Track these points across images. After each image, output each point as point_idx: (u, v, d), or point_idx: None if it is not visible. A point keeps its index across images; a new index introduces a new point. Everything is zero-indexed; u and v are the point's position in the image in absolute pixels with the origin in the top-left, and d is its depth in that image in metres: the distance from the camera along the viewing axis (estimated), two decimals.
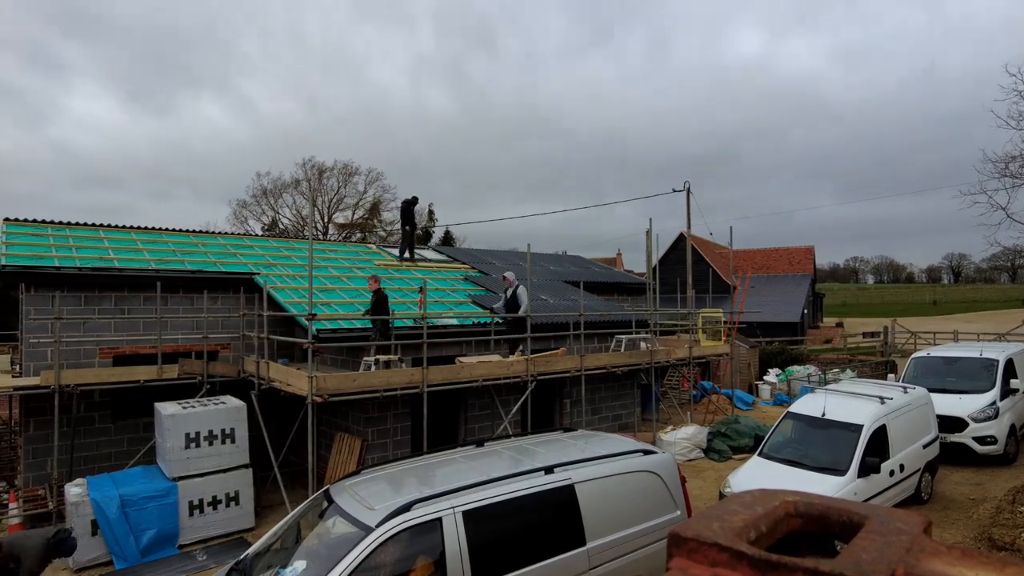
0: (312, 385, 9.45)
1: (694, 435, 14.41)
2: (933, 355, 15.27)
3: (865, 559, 0.86)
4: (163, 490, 9.75)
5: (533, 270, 16.23)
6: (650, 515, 6.79)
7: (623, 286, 22.27)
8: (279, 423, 12.44)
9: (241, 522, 10.38)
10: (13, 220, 14.07)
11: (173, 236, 15.93)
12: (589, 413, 15.14)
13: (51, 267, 11.79)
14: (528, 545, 5.93)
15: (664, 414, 18.28)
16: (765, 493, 1.11)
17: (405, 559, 5.36)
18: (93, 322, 12.18)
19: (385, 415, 11.90)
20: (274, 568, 5.64)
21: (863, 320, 55.91)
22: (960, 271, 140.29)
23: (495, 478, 6.07)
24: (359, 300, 13.68)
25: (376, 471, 6.80)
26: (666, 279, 21.85)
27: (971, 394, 13.33)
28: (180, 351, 12.42)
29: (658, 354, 15.47)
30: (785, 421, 10.78)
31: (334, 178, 49.34)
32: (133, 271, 12.62)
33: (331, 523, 5.82)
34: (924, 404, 11.33)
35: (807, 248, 45.77)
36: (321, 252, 17.53)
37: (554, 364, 13.11)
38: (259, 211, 49.10)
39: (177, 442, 9.93)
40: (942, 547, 0.90)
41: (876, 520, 0.99)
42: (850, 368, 23.61)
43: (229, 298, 13.50)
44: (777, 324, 34.60)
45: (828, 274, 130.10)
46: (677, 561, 0.95)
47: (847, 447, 9.47)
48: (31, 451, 11.54)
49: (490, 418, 13.30)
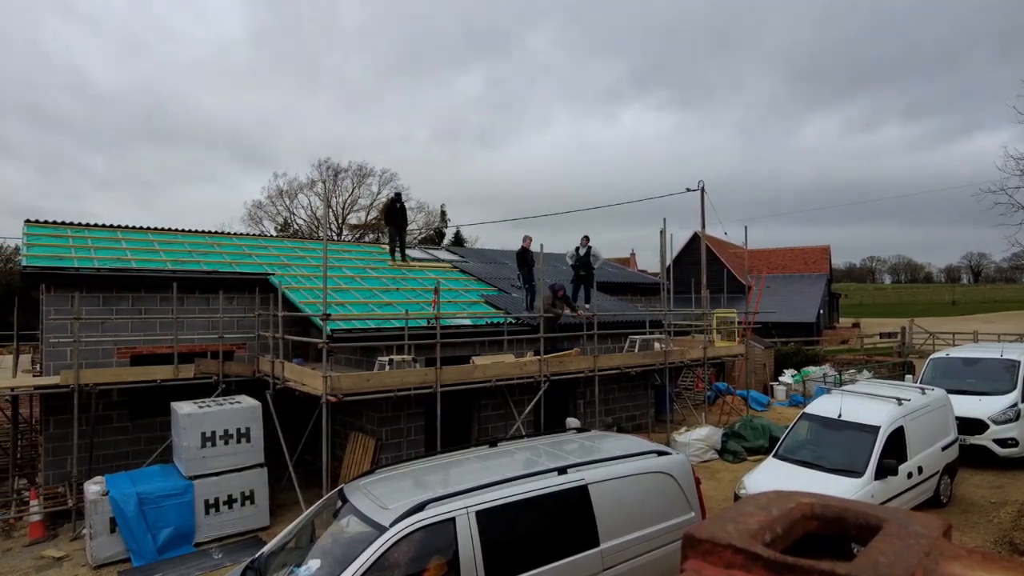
0: (326, 385, 9.50)
1: (708, 436, 14.32)
2: (952, 356, 15.05)
3: (883, 562, 0.85)
4: (180, 488, 9.85)
5: (545, 269, 16.20)
6: (664, 516, 6.76)
7: (637, 286, 22.19)
8: (294, 423, 12.52)
9: (256, 521, 10.46)
10: (34, 222, 14.31)
11: (189, 237, 16.11)
12: (603, 414, 15.10)
13: (71, 268, 11.96)
14: (541, 545, 5.92)
15: (678, 415, 18.18)
16: (780, 495, 1.10)
17: (419, 558, 5.37)
18: (111, 322, 12.34)
19: (399, 415, 11.94)
20: (289, 567, 5.68)
21: (880, 320, 55.29)
22: (980, 271, 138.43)
23: (508, 478, 6.07)
24: (373, 300, 13.75)
25: (390, 471, 6.83)
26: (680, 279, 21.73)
27: (991, 396, 13.13)
28: (196, 351, 12.55)
29: (672, 354, 15.39)
30: (801, 422, 10.68)
31: (348, 179, 49.63)
32: (150, 271, 12.78)
33: (345, 522, 5.85)
34: (943, 406, 11.18)
35: (823, 248, 45.32)
36: (335, 253, 17.62)
37: (567, 364, 13.09)
38: (274, 212, 49.49)
39: (193, 441, 10.03)
40: (962, 551, 0.89)
41: (894, 523, 0.97)
42: (867, 369, 23.35)
43: (244, 298, 13.61)
44: (792, 324, 34.30)
45: (844, 274, 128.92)
46: (692, 563, 0.94)
47: (864, 449, 9.36)
48: (51, 449, 11.72)
49: (503, 418, 13.30)
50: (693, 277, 22.49)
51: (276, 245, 17.89)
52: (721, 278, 26.10)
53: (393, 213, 17.32)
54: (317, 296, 12.47)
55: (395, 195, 17.64)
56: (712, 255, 35.15)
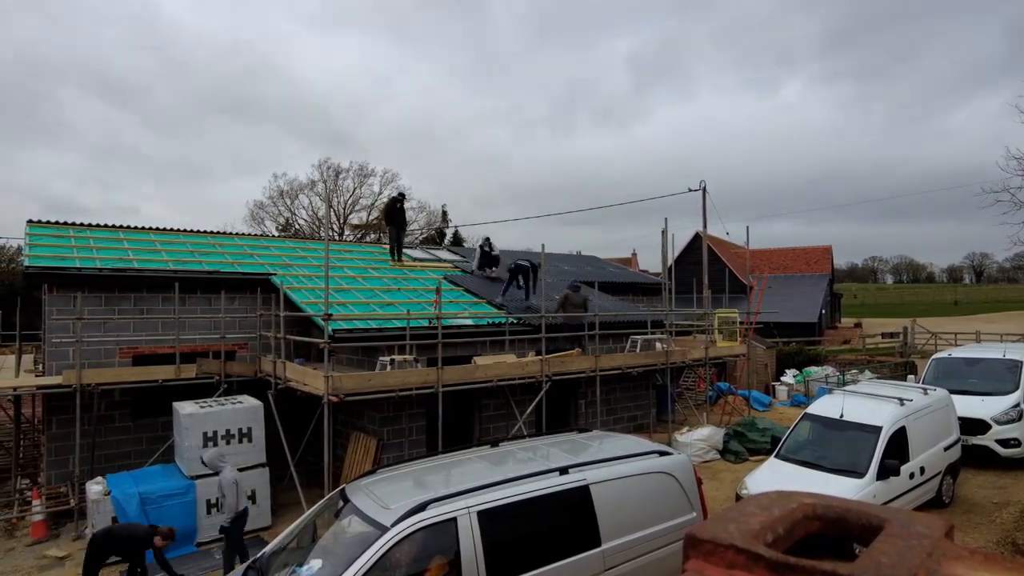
0: (328, 385, 9.51)
1: (710, 436, 14.30)
2: (954, 356, 15.03)
3: (885, 563, 0.85)
4: (181, 488, 9.86)
5: (547, 270, 16.21)
6: (666, 516, 6.75)
7: (638, 286, 22.19)
8: (295, 422, 12.53)
9: (258, 521, 10.46)
10: (36, 222, 14.33)
11: (191, 237, 16.12)
12: (604, 414, 15.09)
13: (72, 268, 11.98)
14: (543, 546, 5.92)
15: (680, 415, 18.17)
16: (782, 495, 1.10)
17: (420, 558, 5.37)
18: (113, 322, 12.35)
19: (400, 415, 11.95)
20: (290, 566, 5.68)
21: (882, 320, 55.20)
22: (982, 271, 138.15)
23: (510, 478, 6.07)
24: (374, 300, 13.75)
25: (391, 471, 6.83)
26: (682, 279, 21.72)
27: (994, 396, 13.11)
28: (198, 351, 12.56)
29: (674, 355, 15.38)
30: (802, 422, 10.66)
31: (350, 179, 49.69)
32: (152, 272, 12.79)
33: (347, 522, 5.85)
34: (945, 406, 11.16)
35: (825, 248, 45.28)
36: (337, 253, 17.63)
37: (569, 365, 13.08)
38: (275, 212, 49.54)
39: (195, 441, 10.04)
40: (964, 551, 0.88)
41: (896, 523, 0.97)
42: (869, 369, 23.33)
43: (246, 298, 13.62)
44: (794, 324, 34.26)
45: (846, 274, 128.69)
46: (693, 563, 0.94)
47: (866, 449, 9.35)
48: (53, 449, 11.73)
49: (505, 418, 13.30)
50: (695, 277, 22.49)
51: (278, 245, 17.90)
52: (723, 278, 26.09)
53: (394, 213, 17.33)
54: (319, 296, 12.47)
55: (398, 195, 17.65)
56: (713, 255, 35.14)
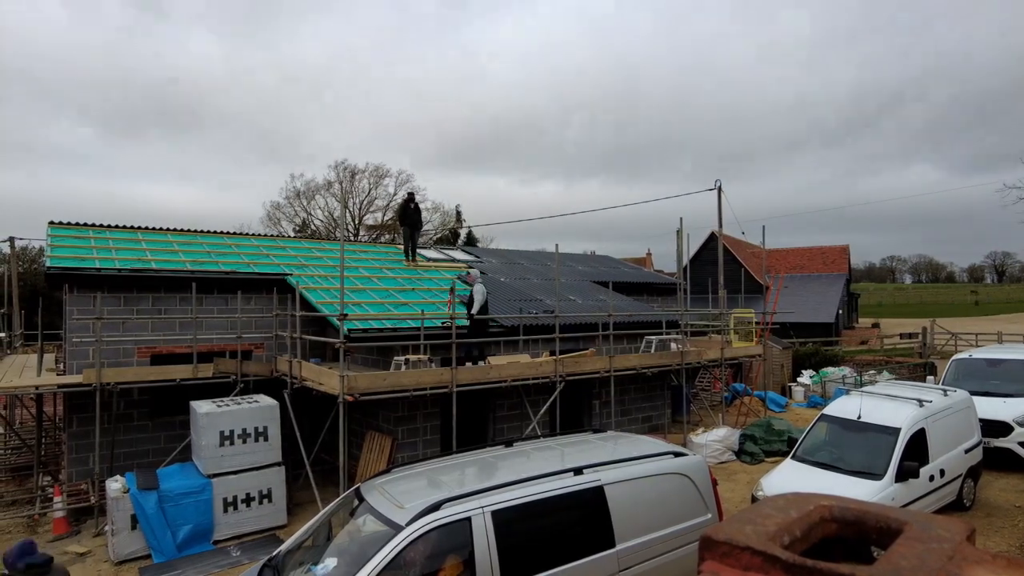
0: (343, 384, 9.56)
1: (726, 437, 14.20)
2: (975, 357, 14.80)
3: (904, 566, 0.84)
4: (198, 487, 9.97)
5: (561, 270, 16.18)
6: (681, 518, 6.71)
7: (653, 286, 22.07)
8: (311, 422, 12.62)
9: (274, 519, 10.55)
10: (58, 223, 14.55)
11: (208, 238, 16.29)
12: (619, 414, 15.04)
13: (92, 268, 12.15)
14: (557, 546, 5.91)
15: (695, 416, 18.06)
16: (799, 497, 1.09)
17: (434, 558, 5.39)
18: (132, 322, 12.52)
19: (415, 414, 11.99)
20: (306, 565, 5.72)
21: (900, 321, 54.50)
22: (1004, 270, 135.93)
23: (524, 478, 6.06)
24: (389, 300, 13.81)
25: (406, 470, 6.85)
26: (697, 279, 21.61)
27: (1016, 397, 12.89)
28: (215, 351, 12.69)
29: (689, 355, 15.29)
30: (819, 424, 10.55)
31: (365, 180, 49.97)
32: (169, 272, 12.94)
33: (362, 521, 5.88)
34: (966, 407, 10.99)
35: (842, 247, 44.78)
36: (352, 253, 17.73)
37: (583, 365, 13.05)
38: (292, 212, 49.95)
39: (212, 440, 10.14)
40: (986, 555, 0.87)
41: (916, 526, 0.96)
42: (887, 370, 23.03)
43: (262, 298, 13.74)
44: (811, 325, 33.93)
45: (864, 274, 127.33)
46: (709, 564, 0.93)
47: (884, 451, 9.23)
48: (74, 447, 11.92)
49: (519, 418, 13.30)
50: (710, 277, 22.34)
51: (293, 246, 18.04)
52: (738, 278, 25.91)
53: (407, 213, 17.41)
54: (334, 296, 12.55)
55: (408, 195, 17.70)
56: (729, 255, 34.92)
